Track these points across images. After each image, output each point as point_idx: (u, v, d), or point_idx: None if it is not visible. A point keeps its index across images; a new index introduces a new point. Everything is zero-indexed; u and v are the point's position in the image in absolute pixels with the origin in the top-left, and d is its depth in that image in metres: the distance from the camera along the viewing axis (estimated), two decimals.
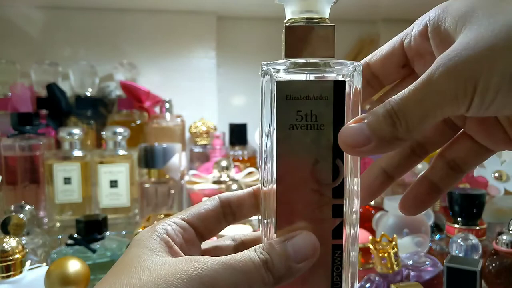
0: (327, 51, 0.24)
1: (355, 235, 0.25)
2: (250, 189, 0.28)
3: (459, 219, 0.56)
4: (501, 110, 0.20)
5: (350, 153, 0.23)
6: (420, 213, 0.28)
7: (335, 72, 0.24)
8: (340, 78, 0.24)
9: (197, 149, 0.90)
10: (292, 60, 0.24)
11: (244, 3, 0.93)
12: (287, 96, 0.23)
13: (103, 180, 0.72)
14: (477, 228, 0.55)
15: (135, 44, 0.96)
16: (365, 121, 0.21)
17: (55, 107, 0.83)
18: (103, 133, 0.75)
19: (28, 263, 0.44)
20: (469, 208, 0.55)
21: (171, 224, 0.25)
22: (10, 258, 0.42)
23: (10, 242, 0.42)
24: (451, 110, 0.20)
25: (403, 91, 0.21)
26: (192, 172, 0.78)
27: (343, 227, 0.24)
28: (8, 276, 0.42)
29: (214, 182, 0.75)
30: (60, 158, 0.71)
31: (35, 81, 0.86)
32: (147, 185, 0.73)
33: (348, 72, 0.24)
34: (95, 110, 0.88)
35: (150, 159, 0.72)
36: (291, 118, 0.24)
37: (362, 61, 0.26)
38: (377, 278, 0.45)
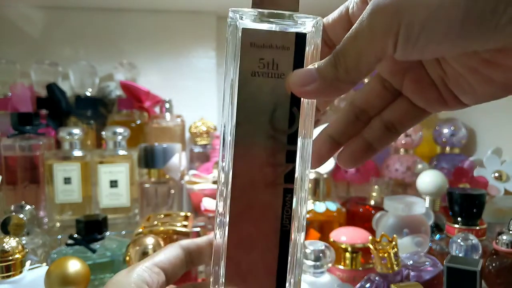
0: (293, 4, 0.25)
1: (304, 179, 0.26)
2: (209, 237, 0.31)
3: (459, 219, 0.55)
4: (427, 50, 0.21)
5: (297, 92, 0.24)
6: (354, 167, 0.30)
7: (298, 24, 0.25)
8: (302, 31, 0.25)
9: (197, 149, 0.90)
10: (259, 10, 0.25)
11: (244, 3, 0.93)
12: (251, 44, 0.24)
13: (103, 180, 0.72)
14: (477, 228, 0.55)
15: (135, 44, 0.96)
16: (315, 65, 0.23)
17: (55, 107, 0.83)
18: (103, 133, 0.75)
19: (28, 263, 0.44)
20: (469, 208, 0.55)
21: (147, 270, 0.27)
22: (10, 258, 0.42)
23: (10, 242, 0.42)
24: (381, 49, 0.21)
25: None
26: (192, 172, 0.78)
27: (295, 172, 0.26)
28: (8, 276, 0.42)
29: (214, 182, 0.75)
30: (60, 158, 0.71)
31: (35, 81, 0.86)
32: (147, 185, 0.73)
33: (310, 26, 0.25)
34: (95, 110, 0.88)
35: (150, 159, 0.72)
36: (254, 65, 0.25)
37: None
38: (377, 278, 0.45)
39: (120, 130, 0.74)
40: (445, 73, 0.25)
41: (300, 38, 0.25)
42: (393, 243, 0.45)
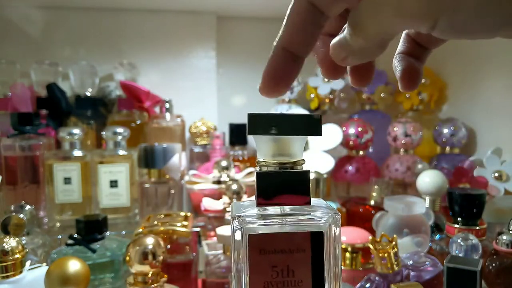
0: (303, 197, 0.22)
1: None
2: None
3: (459, 219, 0.55)
4: (472, 32, 0.20)
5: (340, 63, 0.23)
6: (418, 85, 0.28)
7: (312, 221, 0.22)
8: (317, 228, 0.22)
9: (197, 149, 0.90)
10: (265, 208, 0.22)
11: (244, 3, 0.93)
12: (260, 251, 0.21)
13: (103, 180, 0.72)
14: (477, 228, 0.55)
15: (135, 44, 0.96)
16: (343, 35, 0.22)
17: (55, 107, 0.83)
18: (103, 133, 0.75)
19: (28, 263, 0.44)
20: (469, 208, 0.55)
21: None
22: (10, 258, 0.42)
23: (10, 242, 0.42)
24: (411, 25, 0.20)
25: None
26: (192, 172, 0.78)
27: None
28: (8, 276, 0.42)
29: (214, 182, 0.75)
30: (60, 158, 0.71)
31: (35, 81, 0.86)
32: (147, 185, 0.73)
33: (326, 221, 0.22)
34: (95, 110, 0.88)
35: (150, 159, 0.72)
36: (266, 275, 0.21)
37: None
38: (377, 278, 0.45)
39: (120, 130, 0.74)
40: None
41: (316, 238, 0.22)
42: (393, 243, 0.45)
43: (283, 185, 0.22)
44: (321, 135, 0.23)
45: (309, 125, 0.23)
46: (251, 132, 0.22)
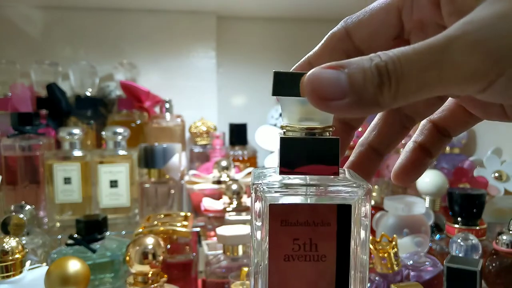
0: (331, 167, 0.21)
1: None
2: None
3: (459, 219, 0.55)
4: None
5: (315, 104, 0.18)
6: (415, 181, 0.27)
7: (339, 193, 0.20)
8: (345, 201, 0.20)
9: (197, 149, 0.90)
10: (288, 177, 0.21)
11: (244, 3, 0.93)
12: (282, 222, 0.20)
13: (103, 180, 0.72)
14: (477, 228, 0.55)
15: (135, 44, 0.96)
16: (346, 70, 0.17)
17: (55, 107, 0.83)
18: (103, 133, 0.75)
19: (28, 263, 0.44)
20: (469, 208, 0.55)
21: None
22: (10, 258, 0.42)
23: (10, 242, 0.42)
24: (458, 88, 0.17)
25: (401, 48, 0.17)
26: (192, 172, 0.78)
27: None
28: (8, 276, 0.42)
29: (214, 182, 0.75)
30: (60, 158, 0.71)
31: (35, 81, 0.86)
32: (147, 185, 0.72)
33: (355, 195, 0.20)
34: (95, 110, 0.87)
35: (150, 159, 0.72)
36: (286, 248, 0.20)
37: (339, 27, 0.22)
38: (377, 278, 0.45)
39: (120, 130, 0.74)
40: None
41: (344, 211, 0.20)
42: (393, 243, 0.45)
43: (309, 153, 0.20)
44: None
45: None
46: (276, 92, 0.20)
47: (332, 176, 0.21)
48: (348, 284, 0.21)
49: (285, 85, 0.20)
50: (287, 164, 0.21)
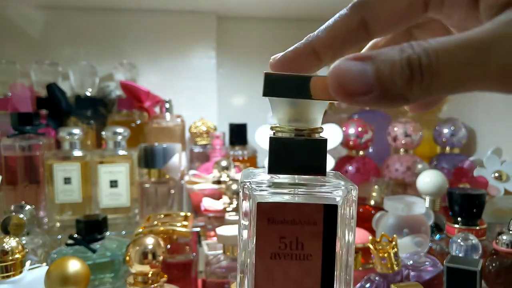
0: (317, 168, 0.21)
1: None
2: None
3: (459, 219, 0.55)
4: None
5: (341, 100, 0.17)
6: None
7: (325, 193, 0.21)
8: (331, 201, 0.20)
9: (197, 149, 0.90)
10: (276, 177, 0.21)
11: (244, 3, 0.93)
12: (269, 220, 0.20)
13: (103, 180, 0.72)
14: (477, 228, 0.55)
15: (135, 44, 0.96)
16: (371, 64, 0.16)
17: (55, 107, 0.83)
18: (103, 133, 0.75)
19: (28, 263, 0.44)
20: (469, 208, 0.55)
21: None
22: (10, 258, 0.42)
23: (10, 242, 0.42)
24: (497, 87, 0.16)
25: (439, 39, 0.15)
26: (192, 172, 0.78)
27: None
28: (8, 276, 0.42)
29: (214, 182, 0.75)
30: (60, 158, 0.71)
31: (35, 81, 0.86)
32: (147, 185, 0.72)
33: (341, 195, 0.21)
34: (95, 110, 0.88)
35: (150, 159, 0.72)
36: (273, 246, 0.20)
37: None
38: (377, 278, 0.45)
39: (120, 130, 0.74)
40: None
41: (330, 211, 0.21)
42: (393, 243, 0.45)
43: (297, 153, 0.21)
44: None
45: None
46: (267, 93, 0.20)
47: (320, 176, 0.21)
48: (333, 283, 0.21)
49: (275, 86, 0.20)
50: (276, 164, 0.21)
